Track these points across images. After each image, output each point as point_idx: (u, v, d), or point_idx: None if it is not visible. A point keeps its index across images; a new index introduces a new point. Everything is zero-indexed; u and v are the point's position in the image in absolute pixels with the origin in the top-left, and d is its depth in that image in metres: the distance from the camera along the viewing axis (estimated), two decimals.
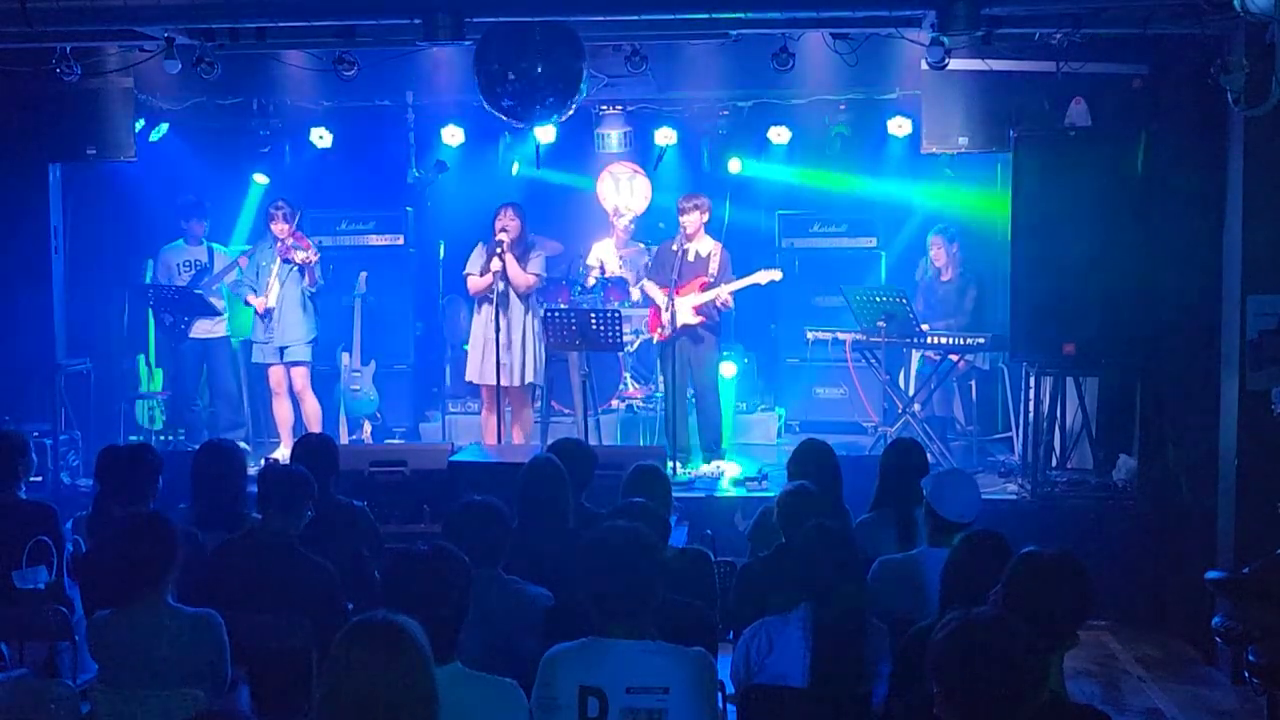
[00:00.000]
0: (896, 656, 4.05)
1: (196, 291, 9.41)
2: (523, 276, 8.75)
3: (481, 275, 8.78)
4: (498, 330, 8.62)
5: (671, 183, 10.74)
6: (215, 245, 9.76)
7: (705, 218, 8.97)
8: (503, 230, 8.67)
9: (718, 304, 8.93)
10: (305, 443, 6.07)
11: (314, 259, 9.11)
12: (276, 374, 9.36)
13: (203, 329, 9.55)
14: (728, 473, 8.79)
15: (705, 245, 8.99)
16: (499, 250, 8.62)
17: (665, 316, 8.81)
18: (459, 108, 10.08)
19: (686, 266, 8.91)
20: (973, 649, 2.77)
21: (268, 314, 9.18)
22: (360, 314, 10.09)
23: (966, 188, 10.07)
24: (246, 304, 9.36)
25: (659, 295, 8.90)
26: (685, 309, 8.83)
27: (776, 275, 9.08)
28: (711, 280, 8.89)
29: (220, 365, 9.64)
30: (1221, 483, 6.98)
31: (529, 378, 8.96)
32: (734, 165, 10.77)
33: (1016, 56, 7.73)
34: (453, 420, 10.15)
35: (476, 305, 9.01)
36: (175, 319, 9.49)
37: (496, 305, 8.66)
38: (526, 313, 8.89)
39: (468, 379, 9.21)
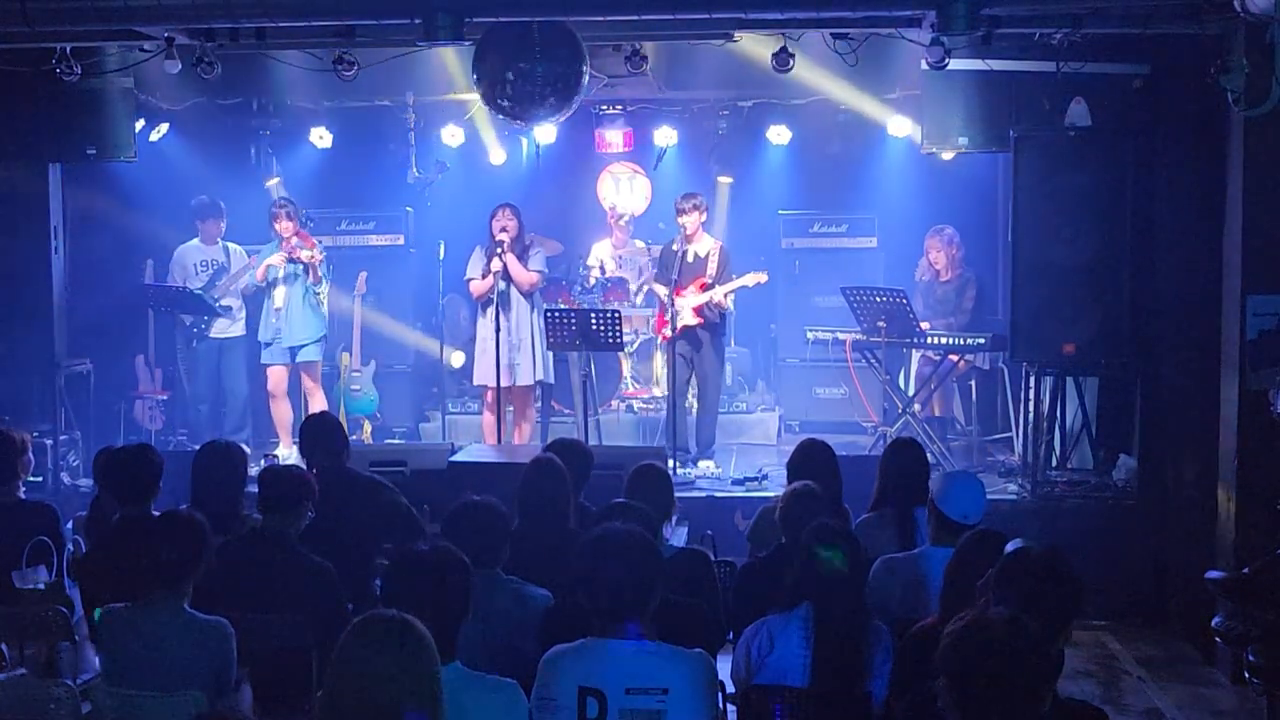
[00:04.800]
0: (897, 656, 4.05)
1: (197, 292, 9.40)
2: (525, 275, 8.75)
3: (483, 278, 8.77)
4: (497, 330, 8.62)
5: (671, 183, 10.74)
6: (231, 245, 9.74)
7: (704, 217, 8.98)
8: (502, 230, 8.67)
9: (713, 306, 8.94)
10: (312, 422, 6.18)
11: (319, 258, 9.11)
12: (276, 375, 9.34)
13: (220, 328, 9.55)
14: (727, 472, 8.80)
15: (704, 245, 9.00)
16: (499, 251, 8.62)
17: (667, 316, 8.81)
18: (459, 108, 10.07)
19: (686, 267, 8.92)
20: (985, 647, 2.77)
21: (276, 310, 9.21)
22: (360, 314, 10.09)
23: (966, 187, 10.07)
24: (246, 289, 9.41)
25: (664, 295, 8.92)
26: (685, 310, 8.84)
27: (763, 278, 9.11)
28: (711, 281, 8.90)
29: (234, 365, 9.63)
30: (1221, 483, 6.98)
31: (538, 375, 8.96)
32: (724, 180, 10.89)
33: (1016, 56, 7.74)
34: (453, 420, 10.15)
35: (480, 308, 9.00)
36: (194, 319, 9.50)
37: (498, 306, 8.66)
38: (532, 311, 8.90)
39: (476, 381, 9.20)
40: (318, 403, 9.39)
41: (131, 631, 4.21)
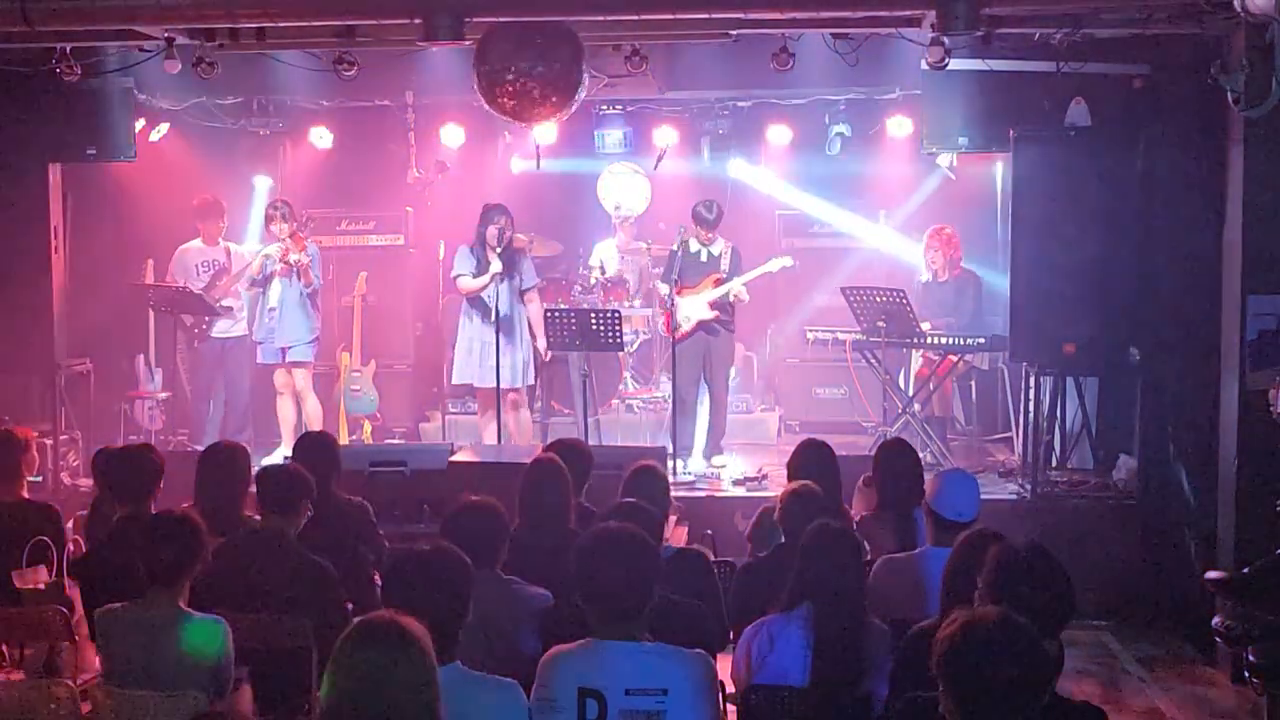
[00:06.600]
0: (897, 656, 4.05)
1: (197, 292, 9.39)
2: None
3: (475, 276, 8.75)
4: (498, 333, 8.62)
5: (672, 183, 10.73)
6: (233, 245, 9.73)
7: None
8: (501, 233, 8.67)
9: (732, 299, 8.95)
10: (306, 441, 6.08)
11: (305, 262, 9.07)
12: (281, 374, 9.35)
13: (223, 328, 9.55)
14: (727, 472, 8.80)
15: (718, 245, 9.05)
16: (500, 253, 8.61)
17: (679, 316, 8.81)
18: (459, 108, 10.08)
19: (699, 265, 8.97)
20: (978, 646, 2.77)
21: (270, 310, 9.19)
22: (360, 314, 10.09)
23: (965, 188, 10.07)
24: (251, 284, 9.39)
25: (666, 293, 8.93)
26: (702, 306, 8.85)
27: (788, 261, 9.13)
28: (725, 276, 8.93)
29: (237, 364, 9.62)
30: (1221, 483, 6.98)
31: (524, 380, 8.97)
32: (733, 167, 10.85)
33: (1016, 56, 7.73)
34: (453, 420, 10.14)
35: (467, 307, 8.99)
36: (196, 319, 9.49)
37: (496, 310, 8.65)
38: (521, 315, 8.92)
39: (457, 380, 9.20)
40: (309, 405, 9.39)
41: (130, 631, 4.22)
